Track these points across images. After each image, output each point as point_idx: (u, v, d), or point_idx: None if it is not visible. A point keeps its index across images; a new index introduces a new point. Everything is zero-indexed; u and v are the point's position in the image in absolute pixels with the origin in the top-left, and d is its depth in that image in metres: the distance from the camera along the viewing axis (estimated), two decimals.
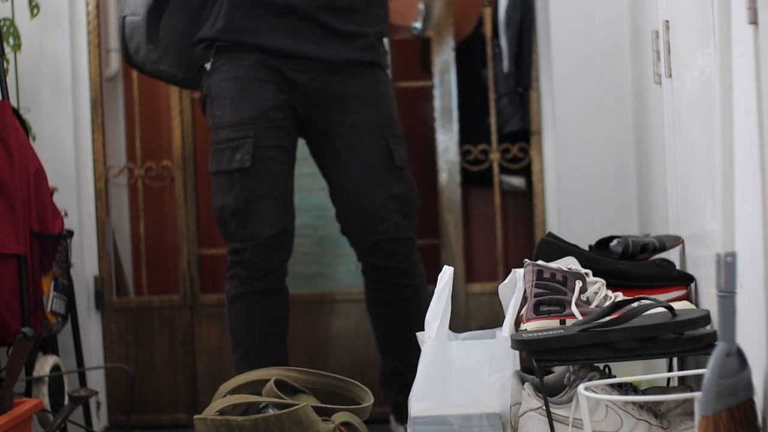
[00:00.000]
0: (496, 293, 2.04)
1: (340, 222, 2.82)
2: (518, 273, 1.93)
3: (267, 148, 2.68)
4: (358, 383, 2.30)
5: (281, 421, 1.94)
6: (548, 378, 1.85)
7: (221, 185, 2.70)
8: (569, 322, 1.84)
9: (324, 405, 2.11)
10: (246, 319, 2.75)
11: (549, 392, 1.75)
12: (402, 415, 2.84)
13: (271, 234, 2.68)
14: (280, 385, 2.17)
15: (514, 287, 1.92)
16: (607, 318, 1.73)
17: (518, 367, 1.91)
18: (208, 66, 2.73)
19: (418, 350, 2.81)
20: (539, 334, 1.73)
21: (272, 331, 2.77)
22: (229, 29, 2.69)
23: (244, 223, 2.68)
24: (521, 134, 3.47)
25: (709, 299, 1.86)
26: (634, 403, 1.72)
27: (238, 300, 2.75)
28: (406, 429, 2.82)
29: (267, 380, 2.16)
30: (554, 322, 1.85)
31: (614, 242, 2.12)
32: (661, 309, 1.75)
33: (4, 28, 2.97)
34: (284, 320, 2.80)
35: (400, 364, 2.84)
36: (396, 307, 2.82)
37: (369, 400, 2.22)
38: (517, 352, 1.87)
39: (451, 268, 1.94)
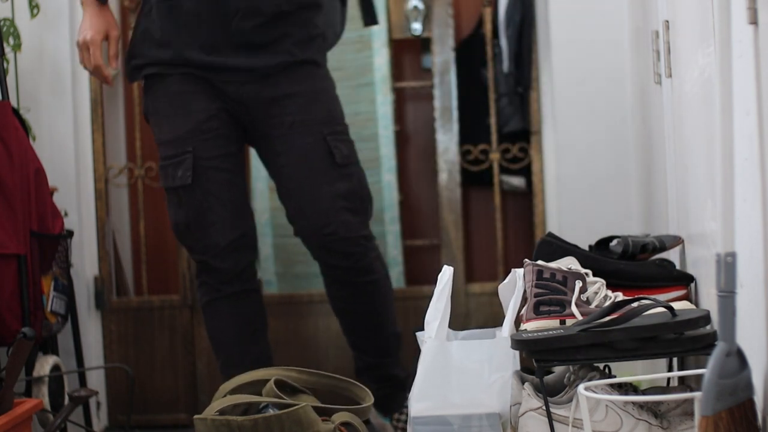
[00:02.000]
0: (496, 293, 2.04)
1: (291, 224, 2.74)
2: (518, 273, 1.93)
3: (208, 159, 2.65)
4: (358, 383, 2.30)
5: (281, 421, 1.94)
6: (548, 378, 1.85)
7: (171, 201, 2.69)
8: (569, 322, 1.84)
9: (324, 405, 2.11)
10: (222, 324, 2.74)
11: (549, 392, 1.75)
12: (383, 408, 2.83)
13: (228, 242, 2.67)
14: (280, 385, 2.17)
15: (514, 287, 1.92)
16: (607, 318, 1.73)
17: (518, 367, 1.91)
18: (142, 83, 2.74)
19: (390, 340, 2.80)
20: (539, 334, 1.73)
21: (250, 332, 2.75)
22: (157, 45, 2.66)
23: (198, 236, 2.67)
24: (521, 134, 3.47)
25: (709, 299, 1.86)
26: (634, 403, 1.72)
27: (210, 306, 2.74)
28: (390, 420, 2.81)
29: (267, 380, 2.17)
30: (554, 322, 1.85)
31: (614, 242, 2.12)
32: (661, 309, 1.75)
33: (4, 28, 2.97)
34: (261, 319, 2.78)
35: (371, 358, 2.81)
36: (358, 303, 2.76)
37: (369, 400, 2.21)
38: (517, 352, 1.87)
39: (451, 268, 1.94)
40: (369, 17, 2.95)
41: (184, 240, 2.72)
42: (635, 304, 1.76)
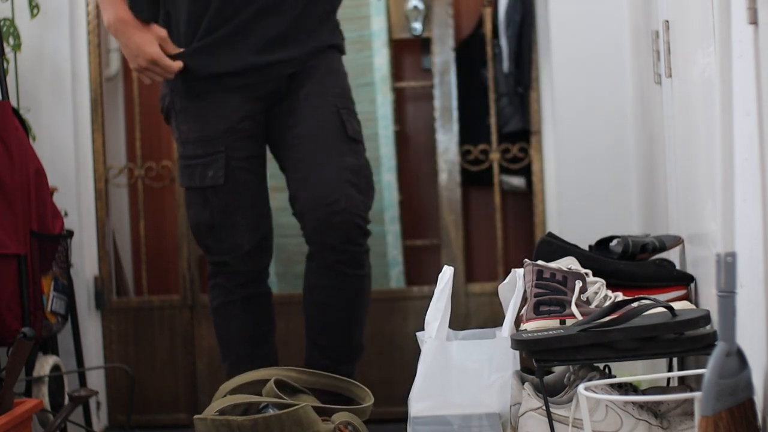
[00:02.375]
0: (496, 293, 2.04)
1: (293, 201, 2.65)
2: (518, 273, 1.93)
3: (239, 160, 2.62)
4: (358, 383, 2.30)
5: (281, 421, 1.94)
6: (548, 378, 1.86)
7: (195, 201, 2.65)
8: (569, 322, 1.84)
9: (324, 405, 2.11)
10: (233, 327, 2.72)
11: (549, 392, 1.75)
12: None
13: (251, 246, 2.65)
14: (280, 385, 2.17)
15: (514, 287, 1.92)
16: (607, 318, 1.73)
17: (518, 367, 1.91)
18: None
19: (356, 350, 2.71)
20: (539, 334, 1.73)
21: (260, 335, 2.73)
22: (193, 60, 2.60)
23: (222, 237, 2.64)
24: (521, 134, 3.47)
25: (709, 299, 1.85)
26: (634, 403, 1.72)
27: (223, 308, 2.72)
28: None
29: (267, 380, 2.16)
30: (554, 322, 1.85)
31: (614, 242, 2.12)
32: (661, 309, 1.75)
33: (4, 28, 2.97)
34: (271, 322, 2.77)
35: (329, 362, 2.67)
36: (341, 297, 2.65)
37: (369, 400, 2.21)
38: (517, 352, 1.87)
39: (451, 268, 1.94)
40: None
41: (204, 240, 2.68)
42: (635, 304, 1.76)
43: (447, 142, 3.44)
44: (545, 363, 1.71)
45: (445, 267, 1.95)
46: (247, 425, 1.93)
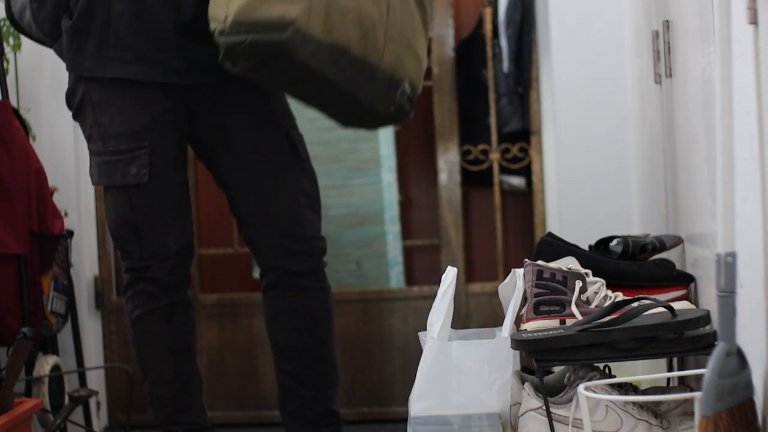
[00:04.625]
0: (496, 293, 2.04)
1: (245, 228, 2.52)
2: (518, 273, 1.93)
3: (163, 155, 2.40)
4: None
5: None
6: (548, 378, 1.86)
7: (116, 201, 2.43)
8: (569, 322, 1.84)
9: None
10: (155, 340, 2.50)
11: (549, 392, 1.75)
12: None
13: (177, 248, 2.45)
14: None
15: (514, 287, 1.92)
16: (607, 318, 1.73)
17: (518, 367, 1.91)
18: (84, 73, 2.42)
19: (332, 370, 2.54)
20: (539, 334, 1.73)
21: (183, 349, 2.52)
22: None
23: (147, 240, 2.42)
24: (521, 134, 3.47)
25: (709, 299, 1.85)
26: (634, 403, 1.72)
27: (144, 319, 2.48)
28: None
29: None
30: (554, 322, 1.85)
31: (614, 242, 2.12)
32: (661, 309, 1.75)
33: (4, 28, 2.97)
34: (192, 336, 2.55)
35: (312, 392, 2.54)
36: (309, 316, 2.53)
37: None
38: (517, 352, 1.87)
39: (455, 269, 1.94)
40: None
41: (125, 244, 2.44)
42: (635, 304, 1.76)
43: (447, 142, 3.44)
44: (545, 363, 1.71)
45: (449, 268, 1.95)
46: None
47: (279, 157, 2.48)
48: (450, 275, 1.92)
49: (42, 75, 3.25)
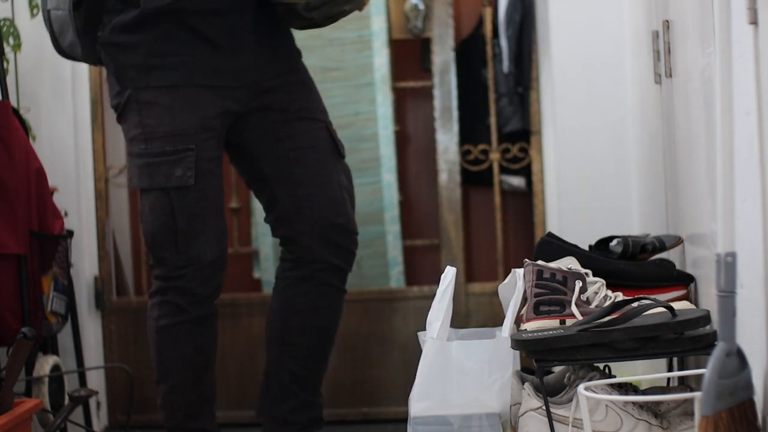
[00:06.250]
0: (496, 293, 2.04)
1: (289, 222, 2.49)
2: (518, 273, 1.93)
3: (207, 161, 2.38)
4: None
5: None
6: (548, 378, 1.86)
7: (154, 204, 2.38)
8: (569, 322, 1.84)
9: None
10: (178, 352, 2.46)
11: (549, 392, 1.75)
12: None
13: (214, 257, 2.40)
14: None
15: (514, 287, 1.92)
16: (607, 318, 1.73)
17: (518, 367, 1.91)
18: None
19: (322, 378, 2.53)
20: (539, 334, 1.73)
21: (204, 360, 2.49)
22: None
23: (183, 246, 2.37)
24: (521, 134, 3.47)
25: (709, 299, 1.86)
26: (634, 403, 1.72)
27: (170, 330, 2.43)
28: None
29: None
30: (554, 322, 1.85)
31: (614, 242, 2.12)
32: (661, 309, 1.75)
33: (4, 28, 2.97)
34: (215, 345, 2.52)
35: (308, 396, 2.53)
36: (330, 317, 2.53)
37: None
38: (517, 352, 1.87)
39: (454, 269, 1.94)
40: None
41: (161, 251, 2.40)
42: (635, 304, 1.76)
43: (447, 142, 3.44)
44: (545, 363, 1.71)
45: (448, 267, 1.95)
46: None
47: (323, 151, 2.49)
48: (449, 275, 1.92)
49: (42, 75, 3.25)
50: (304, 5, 2.39)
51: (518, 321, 1.92)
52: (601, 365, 1.82)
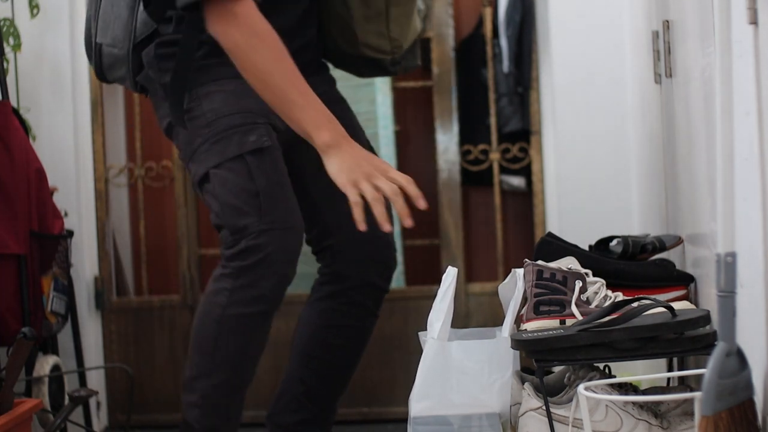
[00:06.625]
0: (496, 293, 2.04)
1: (331, 234, 2.42)
2: (518, 273, 1.93)
3: (277, 143, 2.26)
4: None
5: None
6: (548, 378, 1.86)
7: (227, 175, 2.20)
8: (569, 322, 1.84)
9: None
10: (241, 345, 2.26)
11: (549, 392, 1.75)
12: None
13: (299, 225, 2.23)
14: None
15: (514, 287, 1.92)
16: (607, 318, 1.73)
17: (518, 367, 1.91)
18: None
19: (340, 399, 2.47)
20: (539, 334, 1.73)
21: (257, 360, 2.32)
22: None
23: (267, 207, 2.18)
24: (521, 134, 3.47)
25: (709, 299, 1.86)
26: (634, 403, 1.72)
27: (239, 320, 2.22)
28: None
29: None
30: (554, 322, 1.85)
31: (614, 242, 2.12)
32: (661, 309, 1.75)
33: (4, 28, 2.97)
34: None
35: (321, 412, 2.46)
36: (357, 339, 2.46)
37: None
38: (517, 352, 1.87)
39: (455, 269, 1.94)
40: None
41: (241, 218, 2.18)
42: (635, 304, 1.76)
43: (447, 142, 3.44)
44: (545, 363, 1.71)
45: (449, 267, 1.95)
46: None
47: None
48: (450, 275, 1.92)
49: (42, 75, 3.25)
50: (390, 60, 2.46)
51: (518, 321, 1.92)
52: (601, 365, 1.82)
